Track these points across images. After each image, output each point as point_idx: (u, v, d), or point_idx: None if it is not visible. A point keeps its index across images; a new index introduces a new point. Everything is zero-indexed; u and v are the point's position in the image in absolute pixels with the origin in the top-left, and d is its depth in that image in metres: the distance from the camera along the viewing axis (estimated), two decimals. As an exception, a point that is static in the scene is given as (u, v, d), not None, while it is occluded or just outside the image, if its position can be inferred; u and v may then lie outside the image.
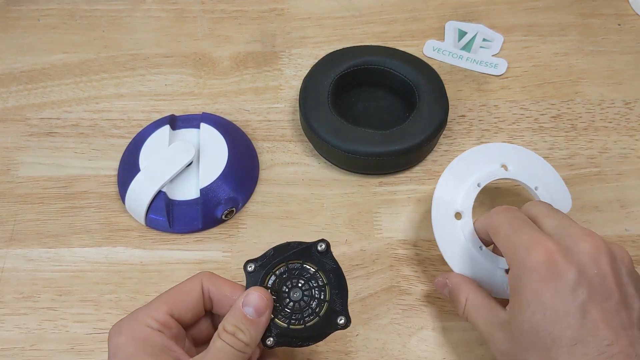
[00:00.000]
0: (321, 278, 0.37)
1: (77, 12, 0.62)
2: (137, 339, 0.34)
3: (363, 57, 0.54)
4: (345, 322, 0.37)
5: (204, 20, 0.62)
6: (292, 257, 0.37)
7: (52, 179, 0.52)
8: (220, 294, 0.37)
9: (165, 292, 0.36)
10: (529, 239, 0.36)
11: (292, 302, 0.37)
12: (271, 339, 0.36)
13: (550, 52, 0.59)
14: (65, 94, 0.57)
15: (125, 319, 0.35)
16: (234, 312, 0.35)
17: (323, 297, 0.37)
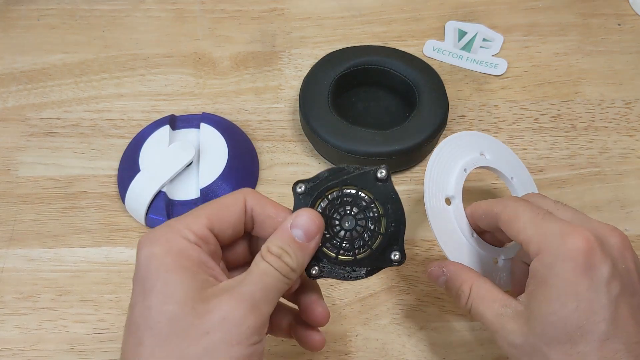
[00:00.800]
0: (377, 208, 0.34)
1: (77, 12, 0.62)
2: (173, 251, 0.30)
3: (363, 57, 0.54)
4: (400, 257, 0.34)
5: (204, 20, 0.62)
6: (347, 182, 0.34)
7: (52, 179, 0.52)
8: (264, 214, 0.33)
9: (205, 205, 0.33)
10: (563, 226, 0.33)
11: (343, 230, 0.34)
12: (316, 267, 0.33)
13: (550, 52, 0.59)
14: (65, 94, 0.57)
15: (159, 228, 0.31)
16: (281, 234, 0.32)
17: (377, 229, 0.34)
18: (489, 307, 0.35)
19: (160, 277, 0.29)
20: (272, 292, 0.31)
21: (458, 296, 0.37)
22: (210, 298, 0.29)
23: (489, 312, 0.35)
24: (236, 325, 0.29)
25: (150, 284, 0.29)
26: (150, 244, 0.30)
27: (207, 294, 0.29)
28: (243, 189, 0.34)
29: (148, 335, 0.29)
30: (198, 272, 0.30)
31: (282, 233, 0.32)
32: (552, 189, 0.52)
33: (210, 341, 0.28)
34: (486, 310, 0.35)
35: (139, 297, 0.30)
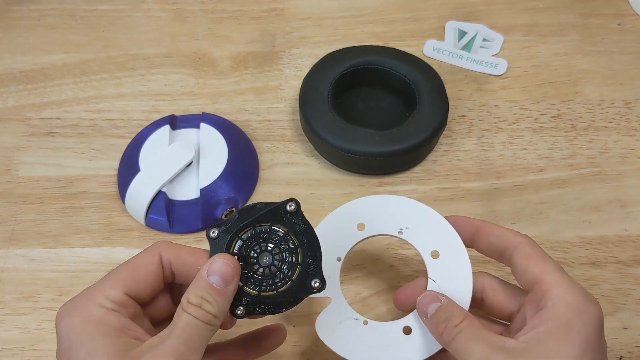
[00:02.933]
0: (292, 240, 0.35)
1: (77, 12, 0.62)
2: (93, 320, 0.31)
3: (363, 57, 0.54)
4: (320, 284, 0.34)
5: (204, 20, 0.62)
6: (259, 220, 0.35)
7: (52, 179, 0.52)
8: (183, 264, 0.34)
9: (119, 267, 0.33)
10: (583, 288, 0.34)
11: (261, 267, 0.34)
12: (241, 307, 0.34)
13: (550, 52, 0.59)
14: (65, 94, 0.57)
15: (76, 298, 0.32)
16: (199, 282, 0.32)
17: (295, 260, 0.34)
18: (484, 338, 0.33)
19: (83, 345, 0.30)
20: (197, 342, 0.31)
21: (446, 322, 0.35)
22: (135, 358, 0.30)
23: (482, 343, 0.33)
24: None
25: (74, 354, 0.30)
26: (68, 315, 0.31)
27: (132, 356, 0.30)
28: (157, 242, 0.34)
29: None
30: (120, 336, 0.31)
31: (200, 281, 0.32)
32: (552, 189, 0.52)
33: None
34: (479, 340, 0.33)
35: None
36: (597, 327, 0.33)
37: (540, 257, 0.35)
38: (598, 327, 0.33)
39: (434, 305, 0.36)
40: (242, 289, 0.34)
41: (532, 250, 0.36)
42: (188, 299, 0.31)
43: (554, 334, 0.32)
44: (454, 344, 0.34)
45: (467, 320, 0.34)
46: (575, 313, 0.33)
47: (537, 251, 0.36)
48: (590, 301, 0.33)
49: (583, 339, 0.32)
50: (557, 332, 0.32)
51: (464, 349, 0.33)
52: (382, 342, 0.37)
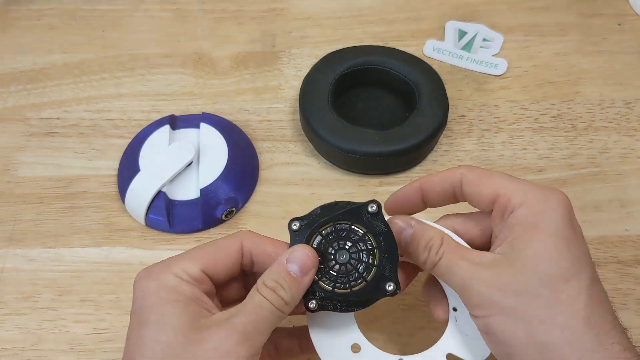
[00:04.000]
0: (370, 241, 0.35)
1: (77, 12, 0.62)
2: (167, 287, 0.32)
3: (363, 57, 0.54)
4: (394, 288, 0.34)
5: (204, 20, 0.62)
6: (340, 218, 0.35)
7: (52, 179, 0.52)
8: (263, 253, 0.34)
9: (201, 246, 0.34)
10: (538, 185, 0.34)
11: (338, 264, 0.34)
12: (314, 301, 0.34)
13: (551, 52, 0.59)
14: (65, 94, 0.57)
15: (156, 265, 0.33)
16: (277, 268, 0.33)
17: (371, 261, 0.34)
18: (463, 257, 0.34)
19: (155, 308, 0.31)
20: (265, 325, 0.32)
21: (427, 248, 0.35)
22: (203, 328, 0.30)
23: (463, 262, 0.33)
24: (226, 355, 0.30)
25: (145, 316, 0.31)
26: (146, 279, 0.32)
27: (200, 325, 0.31)
28: (241, 231, 0.35)
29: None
30: (190, 305, 0.31)
31: (278, 267, 0.33)
32: (552, 189, 0.52)
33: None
34: (459, 260, 0.33)
35: (135, 328, 0.31)
36: (564, 216, 0.33)
37: (486, 177, 0.35)
38: (565, 215, 0.33)
39: (407, 233, 0.36)
40: (316, 283, 0.34)
41: (475, 174, 0.36)
42: (264, 281, 0.32)
43: (523, 238, 0.33)
44: (439, 269, 0.34)
45: (445, 243, 0.35)
46: (536, 211, 0.33)
47: (480, 173, 0.36)
48: (550, 193, 0.33)
49: (552, 232, 0.32)
50: (525, 235, 0.33)
51: (449, 272, 0.34)
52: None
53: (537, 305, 0.31)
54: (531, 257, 0.32)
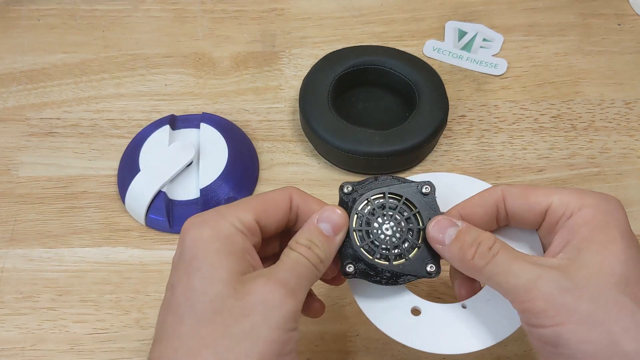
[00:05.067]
0: (419, 220, 0.34)
1: (77, 12, 0.62)
2: (222, 235, 0.31)
3: (363, 57, 0.54)
4: (435, 270, 0.33)
5: (204, 20, 0.62)
6: (393, 190, 0.34)
7: (52, 179, 0.52)
8: (309, 210, 0.34)
9: (252, 197, 0.34)
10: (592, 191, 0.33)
11: (382, 235, 0.34)
12: (352, 266, 0.33)
13: (550, 52, 0.59)
14: (65, 94, 0.57)
15: (208, 212, 0.32)
16: (309, 228, 0.33)
17: (417, 240, 0.34)
18: (523, 258, 0.30)
19: (208, 258, 0.30)
20: (305, 280, 0.31)
21: (475, 244, 0.32)
22: (249, 282, 0.30)
23: (524, 263, 0.30)
24: (276, 308, 0.29)
25: (196, 265, 0.30)
26: (199, 227, 0.31)
27: (246, 278, 0.30)
28: (288, 187, 0.35)
29: (190, 313, 0.29)
30: (243, 258, 0.31)
31: (310, 226, 0.33)
32: (552, 189, 0.52)
33: (252, 322, 0.29)
34: (519, 260, 0.30)
35: (183, 277, 0.30)
36: (626, 219, 0.31)
37: (532, 189, 0.33)
38: (626, 218, 0.31)
39: (452, 230, 0.33)
40: (358, 249, 0.33)
41: (519, 188, 0.33)
42: (297, 240, 0.32)
43: (593, 239, 0.30)
44: (491, 267, 0.31)
45: (499, 242, 0.32)
46: (603, 212, 0.30)
47: (524, 187, 0.33)
48: (608, 197, 0.32)
49: (622, 233, 0.30)
50: (595, 235, 0.30)
51: (506, 272, 0.30)
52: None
53: (619, 311, 0.28)
54: (607, 258, 0.29)
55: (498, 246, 0.31)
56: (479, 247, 0.31)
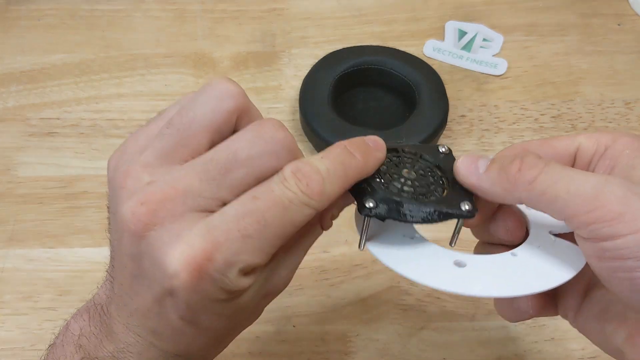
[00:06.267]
0: (442, 175, 0.30)
1: (77, 12, 0.62)
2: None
3: (363, 57, 0.54)
4: (471, 208, 0.28)
5: (204, 20, 0.62)
6: (407, 149, 0.31)
7: (52, 179, 0.52)
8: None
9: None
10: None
11: (406, 179, 0.29)
12: (372, 201, 0.28)
13: (551, 52, 0.59)
14: (65, 94, 0.57)
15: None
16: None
17: (442, 186, 0.29)
18: (576, 169, 0.26)
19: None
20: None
21: (519, 158, 0.27)
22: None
23: (581, 173, 0.25)
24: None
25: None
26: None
27: None
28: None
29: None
30: None
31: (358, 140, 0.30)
32: (552, 189, 0.52)
33: None
34: (573, 171, 0.25)
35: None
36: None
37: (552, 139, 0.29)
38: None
39: (484, 160, 0.28)
40: (379, 186, 0.29)
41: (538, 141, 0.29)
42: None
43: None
44: (545, 177, 0.25)
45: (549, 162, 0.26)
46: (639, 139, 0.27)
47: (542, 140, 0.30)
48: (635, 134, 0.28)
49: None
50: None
51: (566, 179, 0.25)
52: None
53: None
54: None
55: (546, 160, 0.26)
56: (525, 159, 0.26)
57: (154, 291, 0.25)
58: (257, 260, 0.25)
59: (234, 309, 0.26)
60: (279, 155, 0.26)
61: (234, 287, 0.24)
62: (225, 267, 0.24)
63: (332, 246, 0.48)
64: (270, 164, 0.25)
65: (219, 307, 0.25)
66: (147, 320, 0.27)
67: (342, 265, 0.47)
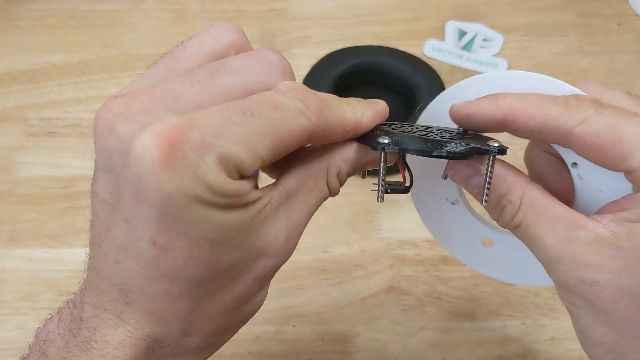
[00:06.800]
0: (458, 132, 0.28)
1: (77, 12, 0.62)
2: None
3: (363, 57, 0.54)
4: (500, 145, 0.26)
5: (204, 20, 0.62)
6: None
7: (52, 179, 0.52)
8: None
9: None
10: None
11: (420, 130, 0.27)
12: (386, 138, 0.25)
13: (550, 52, 0.59)
14: (65, 94, 0.57)
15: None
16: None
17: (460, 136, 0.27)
18: (551, 228, 0.24)
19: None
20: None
21: (501, 208, 0.26)
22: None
23: (551, 234, 0.24)
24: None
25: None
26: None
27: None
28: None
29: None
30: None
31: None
32: (552, 189, 0.52)
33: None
34: (546, 232, 0.24)
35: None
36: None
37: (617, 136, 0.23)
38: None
39: (476, 181, 0.27)
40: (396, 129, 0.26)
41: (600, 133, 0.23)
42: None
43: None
44: (522, 230, 0.25)
45: (526, 197, 0.25)
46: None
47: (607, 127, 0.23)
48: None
49: None
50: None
51: (531, 236, 0.25)
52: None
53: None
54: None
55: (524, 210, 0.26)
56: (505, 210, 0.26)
57: (123, 196, 0.21)
58: (242, 154, 0.20)
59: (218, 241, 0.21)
60: (272, 73, 0.23)
61: (215, 183, 0.20)
62: (202, 147, 0.20)
63: (332, 246, 0.48)
64: (263, 78, 0.23)
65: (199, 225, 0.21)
66: (115, 270, 0.23)
67: (342, 265, 0.47)
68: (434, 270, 0.48)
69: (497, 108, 0.26)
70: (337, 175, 0.26)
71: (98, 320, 0.24)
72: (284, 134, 0.22)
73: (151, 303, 0.22)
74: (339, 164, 0.26)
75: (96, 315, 0.24)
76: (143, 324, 0.23)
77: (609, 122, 0.23)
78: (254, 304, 0.25)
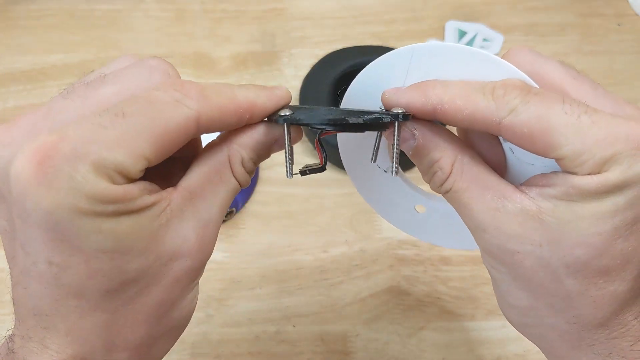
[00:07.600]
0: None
1: (76, 12, 0.62)
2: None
3: (363, 57, 0.54)
4: (404, 111, 0.25)
5: (204, 20, 0.62)
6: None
7: (52, 179, 0.52)
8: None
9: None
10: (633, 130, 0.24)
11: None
12: (287, 111, 0.24)
13: (550, 52, 0.59)
14: (65, 94, 0.57)
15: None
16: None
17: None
18: (479, 196, 0.25)
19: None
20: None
21: (432, 173, 0.26)
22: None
23: (478, 203, 0.25)
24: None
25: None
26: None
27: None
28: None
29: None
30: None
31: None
32: (552, 189, 0.52)
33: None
34: (474, 200, 0.25)
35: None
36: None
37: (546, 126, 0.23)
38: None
39: (411, 144, 0.27)
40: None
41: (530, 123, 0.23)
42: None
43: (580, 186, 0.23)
44: (450, 196, 0.26)
45: (457, 164, 0.25)
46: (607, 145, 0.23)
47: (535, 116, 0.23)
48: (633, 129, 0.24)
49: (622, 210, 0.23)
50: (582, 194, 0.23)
51: (460, 203, 0.25)
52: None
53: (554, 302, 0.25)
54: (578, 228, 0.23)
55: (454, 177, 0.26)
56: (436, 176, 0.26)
57: (15, 222, 0.21)
58: (119, 157, 0.20)
59: (116, 250, 0.21)
60: (154, 76, 0.23)
61: (93, 191, 0.20)
62: (73, 157, 0.19)
63: (332, 246, 0.48)
64: (143, 82, 0.23)
65: (90, 237, 0.20)
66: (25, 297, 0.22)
67: (342, 265, 0.47)
68: (434, 270, 0.48)
69: (426, 100, 0.25)
70: (242, 163, 0.25)
71: (25, 350, 0.23)
72: (163, 127, 0.21)
73: (66, 322, 0.22)
74: (239, 152, 0.25)
75: (23, 346, 0.23)
76: (64, 347, 0.22)
77: (537, 112, 0.23)
78: (182, 309, 0.24)
